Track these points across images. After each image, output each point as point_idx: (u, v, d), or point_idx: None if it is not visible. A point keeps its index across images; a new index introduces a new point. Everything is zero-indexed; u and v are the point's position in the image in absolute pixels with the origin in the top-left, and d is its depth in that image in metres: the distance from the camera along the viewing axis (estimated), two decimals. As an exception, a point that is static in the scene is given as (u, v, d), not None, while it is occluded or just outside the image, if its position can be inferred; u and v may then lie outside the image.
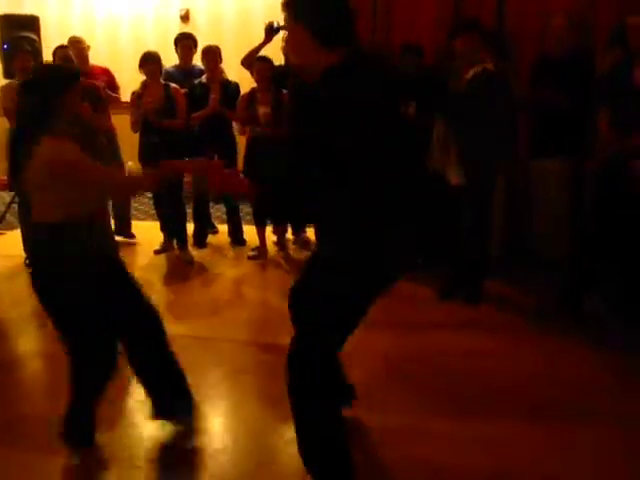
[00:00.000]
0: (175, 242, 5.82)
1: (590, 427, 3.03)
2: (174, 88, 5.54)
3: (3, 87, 5.47)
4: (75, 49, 5.87)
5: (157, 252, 5.84)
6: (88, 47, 6.04)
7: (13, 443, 3.02)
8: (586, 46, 4.65)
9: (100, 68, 6.25)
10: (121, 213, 6.13)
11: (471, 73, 4.21)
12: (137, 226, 6.45)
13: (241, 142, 5.86)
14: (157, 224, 6.03)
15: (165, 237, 5.92)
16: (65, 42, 5.91)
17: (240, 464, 2.85)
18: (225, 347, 4.01)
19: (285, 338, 4.12)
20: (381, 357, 3.80)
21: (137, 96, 5.51)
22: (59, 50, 5.54)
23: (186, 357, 2.97)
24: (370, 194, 2.24)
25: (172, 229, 5.83)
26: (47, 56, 6.61)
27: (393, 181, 2.29)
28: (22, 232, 5.64)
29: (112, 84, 6.18)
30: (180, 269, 5.54)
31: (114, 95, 6.10)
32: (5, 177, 5.82)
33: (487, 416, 3.14)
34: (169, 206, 5.72)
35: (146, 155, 5.49)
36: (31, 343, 4.30)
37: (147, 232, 6.20)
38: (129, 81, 6.14)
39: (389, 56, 4.94)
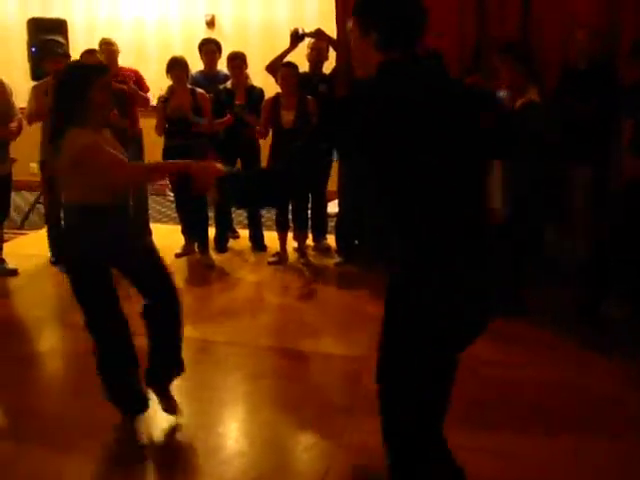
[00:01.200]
0: (196, 246, 5.85)
1: (605, 438, 3.00)
2: (200, 93, 5.58)
3: (34, 88, 5.53)
4: (106, 51, 5.91)
5: (178, 255, 5.87)
6: (119, 51, 6.08)
7: (24, 438, 3.06)
8: (608, 57, 4.63)
9: (129, 69, 6.31)
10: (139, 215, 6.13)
11: (519, 103, 4.18)
12: (158, 229, 6.48)
13: (264, 147, 5.87)
14: (178, 227, 6.07)
15: (186, 240, 5.95)
16: (91, 46, 5.95)
17: (256, 469, 2.85)
18: (244, 352, 4.02)
19: (303, 343, 4.17)
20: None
21: (163, 100, 5.55)
22: (85, 55, 5.58)
23: (205, 361, 2.99)
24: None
25: (193, 233, 5.86)
26: (75, 59, 6.69)
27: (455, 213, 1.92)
28: (48, 231, 5.73)
29: (141, 85, 6.24)
30: (201, 273, 5.56)
31: (143, 95, 6.15)
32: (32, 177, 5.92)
33: (500, 426, 3.12)
34: (191, 210, 5.75)
35: (169, 158, 5.52)
36: (51, 341, 4.35)
37: (168, 235, 6.23)
38: (154, 85, 6.19)
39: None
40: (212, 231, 6.14)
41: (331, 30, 5.66)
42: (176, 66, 5.51)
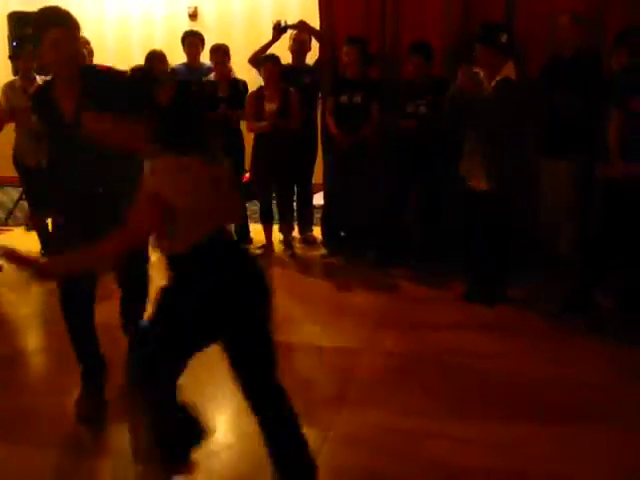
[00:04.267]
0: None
1: (596, 428, 3.02)
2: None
3: (4, 86, 5.50)
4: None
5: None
6: (91, 49, 5.97)
7: (14, 439, 3.03)
8: (593, 45, 4.63)
9: (104, 67, 6.23)
10: None
11: (493, 83, 4.21)
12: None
13: (248, 140, 5.86)
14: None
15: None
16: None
17: (244, 462, 2.86)
18: (231, 345, 4.01)
19: (290, 335, 4.16)
20: (389, 357, 3.80)
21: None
22: None
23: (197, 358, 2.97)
24: None
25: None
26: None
27: None
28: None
29: None
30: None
31: None
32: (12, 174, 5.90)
33: (500, 418, 3.12)
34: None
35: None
36: (37, 340, 4.33)
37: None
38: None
39: None
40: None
41: (314, 22, 5.65)
42: (154, 59, 5.49)
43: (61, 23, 2.80)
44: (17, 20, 6.91)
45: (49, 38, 2.74)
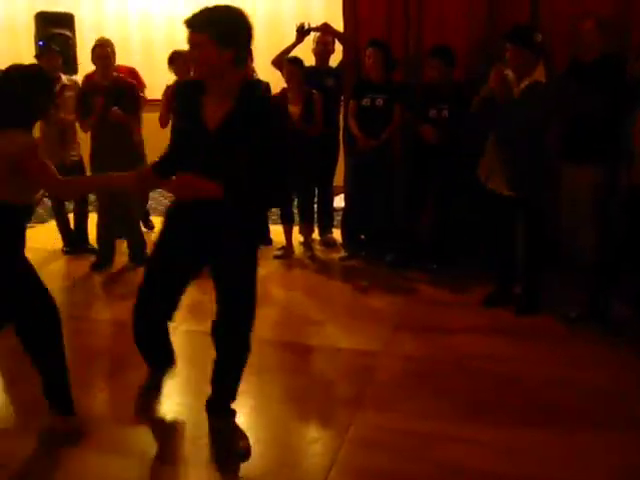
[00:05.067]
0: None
1: (607, 434, 3.00)
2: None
3: None
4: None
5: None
6: (114, 51, 5.92)
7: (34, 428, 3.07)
8: (617, 50, 4.58)
9: (126, 68, 6.28)
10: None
11: (523, 85, 4.18)
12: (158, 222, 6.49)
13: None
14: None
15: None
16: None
17: (261, 464, 2.85)
18: (249, 345, 4.02)
19: (308, 337, 4.18)
20: (407, 360, 3.80)
21: (170, 91, 5.58)
22: (98, 48, 5.52)
23: (208, 355, 2.97)
24: None
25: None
26: (82, 53, 6.70)
27: None
28: (57, 223, 5.84)
29: (138, 83, 6.17)
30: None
31: (144, 97, 6.13)
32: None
33: (515, 422, 3.12)
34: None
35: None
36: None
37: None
38: (163, 80, 6.18)
39: None
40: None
41: (338, 24, 5.65)
42: (178, 58, 5.55)
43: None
44: (43, 20, 6.98)
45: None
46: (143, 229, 6.00)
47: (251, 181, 2.61)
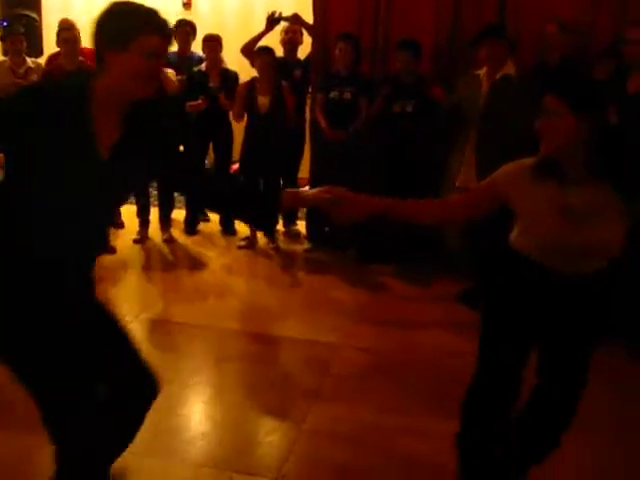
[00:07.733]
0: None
1: (583, 434, 3.00)
2: (169, 73, 5.48)
3: None
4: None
5: (136, 241, 5.76)
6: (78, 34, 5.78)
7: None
8: (580, 53, 4.66)
9: (91, 50, 6.15)
10: None
11: (497, 77, 4.37)
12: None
13: (237, 130, 5.86)
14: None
15: (140, 224, 5.86)
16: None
17: (218, 451, 2.86)
18: (210, 335, 4.01)
19: (270, 328, 4.19)
20: (367, 353, 3.82)
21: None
22: (63, 31, 5.41)
23: (171, 343, 2.98)
24: None
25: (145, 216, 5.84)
26: (47, 35, 6.59)
27: None
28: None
29: None
30: (168, 255, 5.54)
31: None
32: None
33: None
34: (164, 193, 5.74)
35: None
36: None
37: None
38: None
39: None
40: (183, 213, 6.12)
41: (307, 16, 5.64)
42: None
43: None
44: (7, 0, 6.85)
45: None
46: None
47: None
